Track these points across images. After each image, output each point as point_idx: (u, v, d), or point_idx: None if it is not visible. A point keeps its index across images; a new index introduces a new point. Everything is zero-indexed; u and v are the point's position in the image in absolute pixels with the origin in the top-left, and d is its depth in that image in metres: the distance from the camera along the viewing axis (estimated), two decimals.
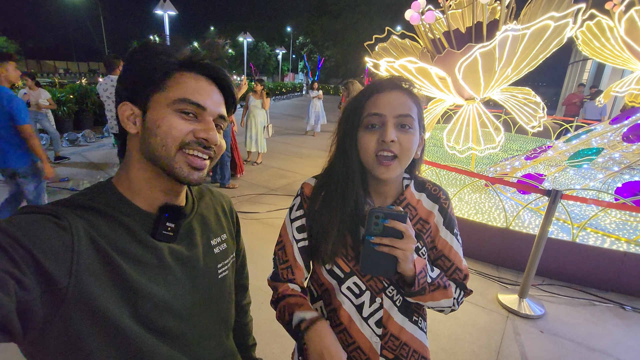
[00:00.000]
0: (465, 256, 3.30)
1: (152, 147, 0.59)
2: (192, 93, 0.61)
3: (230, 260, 0.79)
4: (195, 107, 0.61)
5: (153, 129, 0.59)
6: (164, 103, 0.60)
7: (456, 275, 0.88)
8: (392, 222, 0.69)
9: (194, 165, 0.61)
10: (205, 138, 0.61)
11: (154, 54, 0.61)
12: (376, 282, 0.82)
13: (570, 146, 4.32)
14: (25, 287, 0.44)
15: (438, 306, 0.83)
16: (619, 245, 3.05)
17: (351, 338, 0.84)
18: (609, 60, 5.85)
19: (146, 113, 0.60)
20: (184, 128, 0.60)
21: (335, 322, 0.85)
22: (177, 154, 0.60)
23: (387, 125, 0.74)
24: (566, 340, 2.35)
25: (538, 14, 3.83)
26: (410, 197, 0.85)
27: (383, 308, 0.83)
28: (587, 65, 17.37)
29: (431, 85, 4.19)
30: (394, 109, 0.74)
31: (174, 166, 0.60)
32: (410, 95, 0.78)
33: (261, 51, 46.77)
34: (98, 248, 0.53)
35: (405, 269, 0.72)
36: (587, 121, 7.42)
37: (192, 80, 0.62)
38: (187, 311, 0.65)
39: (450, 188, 4.43)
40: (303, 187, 0.88)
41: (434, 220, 0.85)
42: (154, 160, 0.60)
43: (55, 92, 8.40)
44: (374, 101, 0.76)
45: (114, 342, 0.54)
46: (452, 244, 0.87)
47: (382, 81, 0.79)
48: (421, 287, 0.76)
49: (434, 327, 2.40)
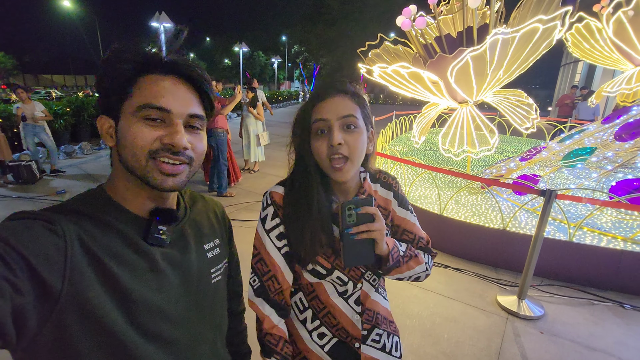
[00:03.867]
0: (463, 258, 3.28)
1: (125, 159, 0.59)
2: (154, 96, 0.58)
3: (224, 265, 0.79)
4: (159, 111, 0.58)
5: (122, 141, 0.59)
6: (129, 112, 0.58)
7: (420, 243, 0.98)
8: (364, 208, 0.74)
9: (165, 171, 0.59)
10: (171, 143, 0.58)
11: (116, 61, 0.58)
12: (355, 272, 0.89)
13: (564, 146, 4.36)
14: (20, 292, 0.44)
15: (414, 274, 0.91)
16: (615, 244, 3.05)
17: (335, 319, 0.92)
18: (600, 62, 5.93)
19: (118, 124, 0.59)
20: (148, 136, 0.57)
21: (319, 308, 0.92)
22: (149, 162, 0.58)
23: (333, 129, 0.79)
24: (566, 341, 2.34)
25: (527, 17, 3.89)
26: (368, 188, 0.93)
27: (362, 289, 0.92)
28: (579, 67, 17.57)
29: (424, 89, 4.24)
30: (336, 112, 0.80)
31: (147, 175, 0.59)
32: (352, 97, 0.83)
33: (257, 60, 47.06)
34: (91, 253, 0.53)
35: (382, 248, 0.79)
36: (581, 122, 7.49)
37: (154, 82, 0.59)
38: (180, 316, 0.64)
39: (446, 191, 4.45)
40: (272, 195, 0.89)
41: (391, 206, 0.95)
42: (130, 170, 0.60)
43: (52, 105, 8.42)
44: (319, 108, 0.82)
45: (107, 347, 0.53)
46: (409, 218, 0.96)
47: (324, 87, 0.84)
48: (395, 260, 0.84)
49: (434, 330, 2.39)
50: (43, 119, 5.89)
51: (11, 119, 6.63)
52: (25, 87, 5.96)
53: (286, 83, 41.44)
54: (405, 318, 2.50)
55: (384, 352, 0.95)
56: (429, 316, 2.54)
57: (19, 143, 6.35)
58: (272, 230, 0.87)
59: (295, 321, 0.95)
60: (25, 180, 5.44)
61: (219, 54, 47.86)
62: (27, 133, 5.81)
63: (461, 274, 3.14)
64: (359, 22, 31.78)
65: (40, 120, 5.83)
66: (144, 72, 0.59)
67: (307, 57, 37.80)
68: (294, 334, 0.95)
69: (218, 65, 47.99)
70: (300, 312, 0.95)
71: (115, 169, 0.63)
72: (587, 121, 7.33)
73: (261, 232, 0.89)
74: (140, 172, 0.59)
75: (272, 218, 0.88)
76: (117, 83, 0.58)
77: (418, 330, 2.39)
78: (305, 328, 0.94)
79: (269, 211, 0.88)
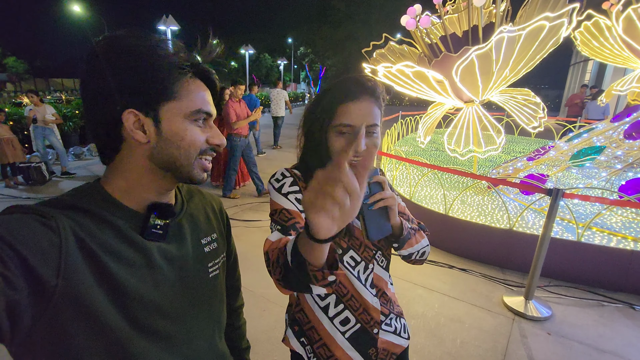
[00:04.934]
0: (470, 258, 3.24)
1: (173, 157, 0.62)
2: (203, 102, 0.63)
3: (221, 260, 0.78)
4: (206, 115, 0.64)
5: (175, 141, 0.61)
6: (180, 114, 0.61)
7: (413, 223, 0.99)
8: (374, 177, 0.77)
9: (206, 168, 0.67)
10: (219, 144, 0.66)
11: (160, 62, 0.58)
12: (368, 252, 0.93)
13: (572, 145, 4.29)
14: (14, 286, 0.44)
15: (421, 247, 0.93)
16: (625, 244, 2.99)
17: (358, 302, 0.93)
18: (609, 60, 5.83)
19: (160, 123, 0.60)
20: (202, 138, 0.64)
21: (343, 292, 0.93)
22: (196, 160, 0.64)
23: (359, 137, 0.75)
24: (575, 342, 2.30)
25: (534, 15, 3.85)
26: None
27: (374, 272, 0.95)
28: (589, 66, 17.29)
29: (429, 89, 4.21)
30: (365, 120, 0.81)
31: (192, 171, 0.64)
32: (377, 101, 0.84)
33: (263, 62, 47.33)
34: (86, 248, 0.53)
35: (396, 218, 0.81)
36: (590, 121, 7.37)
37: (199, 88, 0.64)
38: (177, 311, 0.64)
39: (452, 191, 4.41)
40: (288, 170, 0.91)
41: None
42: (171, 168, 0.63)
43: (61, 108, 8.57)
44: (346, 110, 0.81)
45: (102, 342, 0.53)
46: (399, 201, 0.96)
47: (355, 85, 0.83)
48: (407, 231, 0.87)
49: (439, 331, 2.36)
50: (54, 122, 6.00)
51: (22, 121, 6.76)
52: (34, 90, 6.09)
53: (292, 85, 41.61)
54: (409, 318, 2.48)
55: (395, 335, 1.00)
56: (433, 316, 2.52)
57: (29, 145, 6.46)
58: (292, 193, 0.86)
59: (315, 309, 0.95)
60: (35, 182, 5.53)
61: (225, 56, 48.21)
62: (37, 135, 5.92)
63: (467, 274, 3.10)
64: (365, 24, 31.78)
65: (50, 123, 5.94)
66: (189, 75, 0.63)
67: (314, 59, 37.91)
68: (314, 322, 0.96)
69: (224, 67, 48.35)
70: (321, 299, 0.95)
71: (133, 164, 0.61)
72: (596, 120, 7.22)
73: (277, 197, 0.86)
74: (186, 169, 0.63)
75: (290, 185, 0.87)
76: (163, 83, 0.59)
77: (423, 330, 2.37)
78: (326, 315, 0.94)
79: (288, 180, 0.88)
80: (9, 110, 7.21)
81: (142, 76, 0.57)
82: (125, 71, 0.56)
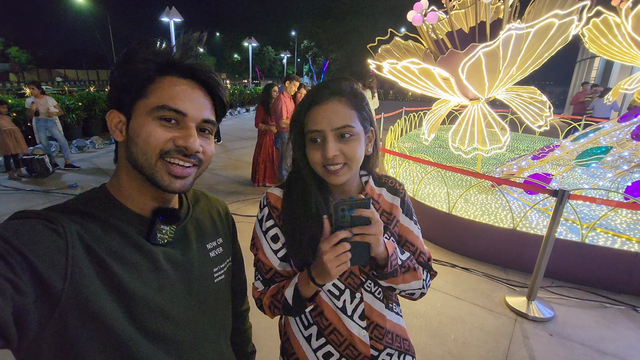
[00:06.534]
0: (472, 258, 3.23)
1: (134, 156, 0.59)
2: (172, 98, 0.59)
3: (227, 265, 0.78)
4: (175, 113, 0.59)
5: (134, 138, 0.59)
6: (144, 111, 0.59)
7: (421, 258, 0.91)
8: (358, 210, 0.69)
9: (174, 173, 0.60)
10: (185, 146, 0.59)
11: (134, 60, 0.59)
12: (353, 279, 0.85)
13: (578, 145, 4.25)
14: (21, 291, 0.44)
15: (409, 289, 0.85)
16: (630, 246, 2.98)
17: (342, 337, 0.86)
18: (617, 58, 5.75)
19: (130, 121, 0.60)
20: (162, 136, 0.58)
21: (324, 325, 0.87)
22: (158, 162, 0.59)
23: (328, 141, 0.75)
24: (577, 344, 2.30)
25: (542, 12, 3.79)
26: (371, 191, 0.89)
27: (364, 301, 0.86)
28: (595, 63, 17.11)
29: (435, 86, 4.17)
30: (331, 123, 0.75)
31: (155, 175, 0.59)
32: (348, 99, 0.77)
33: (266, 56, 47.09)
34: (92, 252, 0.53)
35: (378, 252, 0.74)
36: (596, 119, 7.30)
37: (172, 84, 0.60)
38: (182, 316, 0.64)
39: (456, 189, 4.39)
40: (268, 197, 0.88)
41: (398, 212, 0.90)
42: (137, 168, 0.60)
43: (64, 100, 8.56)
44: (313, 116, 0.77)
45: (109, 346, 0.53)
46: (412, 229, 0.91)
47: (317, 89, 0.79)
48: (393, 268, 0.78)
49: (441, 330, 2.36)
50: (56, 114, 5.99)
51: (25, 113, 6.76)
52: (35, 82, 6.08)
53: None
54: (412, 317, 2.48)
55: None
56: (436, 316, 2.52)
57: (32, 137, 6.47)
58: (267, 231, 0.87)
59: (299, 337, 0.90)
60: (38, 174, 5.55)
61: (229, 49, 48.01)
62: (40, 127, 5.92)
63: (469, 273, 3.10)
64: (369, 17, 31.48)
65: (53, 115, 5.93)
66: (162, 72, 0.60)
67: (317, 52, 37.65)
68: (299, 353, 0.90)
69: (227, 60, 48.18)
70: (305, 328, 0.89)
71: (120, 165, 0.63)
72: (602, 119, 7.15)
73: (259, 232, 0.89)
74: (148, 171, 0.59)
75: (267, 219, 0.87)
76: (134, 81, 0.58)
77: (425, 329, 2.37)
78: (310, 346, 0.88)
79: (265, 212, 0.87)
80: (12, 102, 7.21)
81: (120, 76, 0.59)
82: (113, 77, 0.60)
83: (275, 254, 0.86)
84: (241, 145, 8.59)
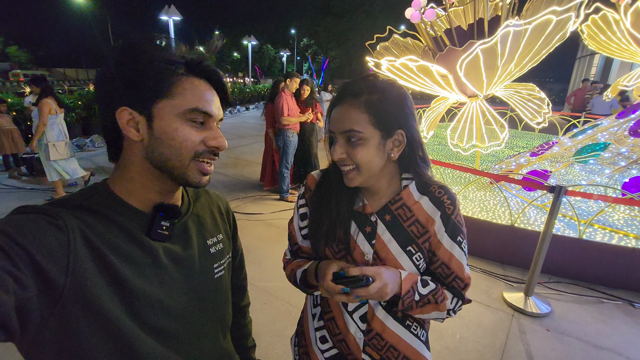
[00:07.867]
0: (470, 254, 3.22)
1: (164, 157, 0.60)
2: (201, 101, 0.61)
3: (227, 261, 0.79)
4: (204, 115, 0.61)
5: (165, 140, 0.59)
6: (172, 112, 0.59)
7: (455, 283, 0.84)
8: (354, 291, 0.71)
9: (205, 171, 0.64)
10: (217, 146, 0.63)
11: (154, 58, 0.58)
12: None
13: (576, 142, 4.26)
14: (23, 286, 0.45)
15: (427, 317, 0.83)
16: (627, 242, 2.99)
17: (337, 328, 0.87)
18: (616, 54, 5.74)
19: (152, 121, 0.59)
20: (196, 138, 0.61)
21: (326, 310, 0.90)
22: (191, 163, 0.62)
23: (336, 143, 0.77)
24: (573, 339, 2.32)
25: (541, 8, 3.78)
26: (407, 197, 0.82)
27: (368, 303, 0.84)
28: (595, 60, 17.08)
29: (433, 83, 4.17)
30: (339, 126, 0.76)
31: (187, 174, 0.62)
32: (362, 103, 0.74)
33: (266, 54, 46.99)
34: (93, 247, 0.54)
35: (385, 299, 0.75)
36: (595, 116, 7.29)
37: (197, 86, 0.61)
38: (182, 310, 0.65)
39: (454, 186, 4.40)
40: (309, 177, 0.94)
41: (434, 227, 0.81)
42: (164, 168, 0.61)
43: (64, 99, 8.55)
44: (332, 116, 0.80)
45: (110, 340, 0.54)
46: (454, 252, 0.81)
47: (340, 89, 0.81)
48: (406, 306, 0.77)
49: (438, 326, 2.38)
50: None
51: (24, 112, 6.75)
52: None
53: None
54: None
55: None
56: None
57: (32, 136, 6.46)
58: (299, 208, 0.93)
59: (308, 312, 0.95)
60: (38, 172, 5.55)
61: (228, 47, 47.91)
62: None
63: None
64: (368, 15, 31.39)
65: None
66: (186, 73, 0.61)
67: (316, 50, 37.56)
68: (305, 327, 0.96)
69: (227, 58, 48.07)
70: (313, 306, 0.94)
71: (131, 162, 0.62)
72: (601, 116, 7.15)
73: (295, 205, 0.96)
74: (179, 170, 0.61)
75: (301, 197, 0.93)
76: (155, 80, 0.58)
77: None
78: (312, 324, 0.93)
79: (302, 190, 0.94)
80: (11, 101, 7.21)
81: (135, 73, 0.58)
82: (122, 68, 0.58)
83: (300, 230, 0.93)
84: (241, 143, 8.60)
